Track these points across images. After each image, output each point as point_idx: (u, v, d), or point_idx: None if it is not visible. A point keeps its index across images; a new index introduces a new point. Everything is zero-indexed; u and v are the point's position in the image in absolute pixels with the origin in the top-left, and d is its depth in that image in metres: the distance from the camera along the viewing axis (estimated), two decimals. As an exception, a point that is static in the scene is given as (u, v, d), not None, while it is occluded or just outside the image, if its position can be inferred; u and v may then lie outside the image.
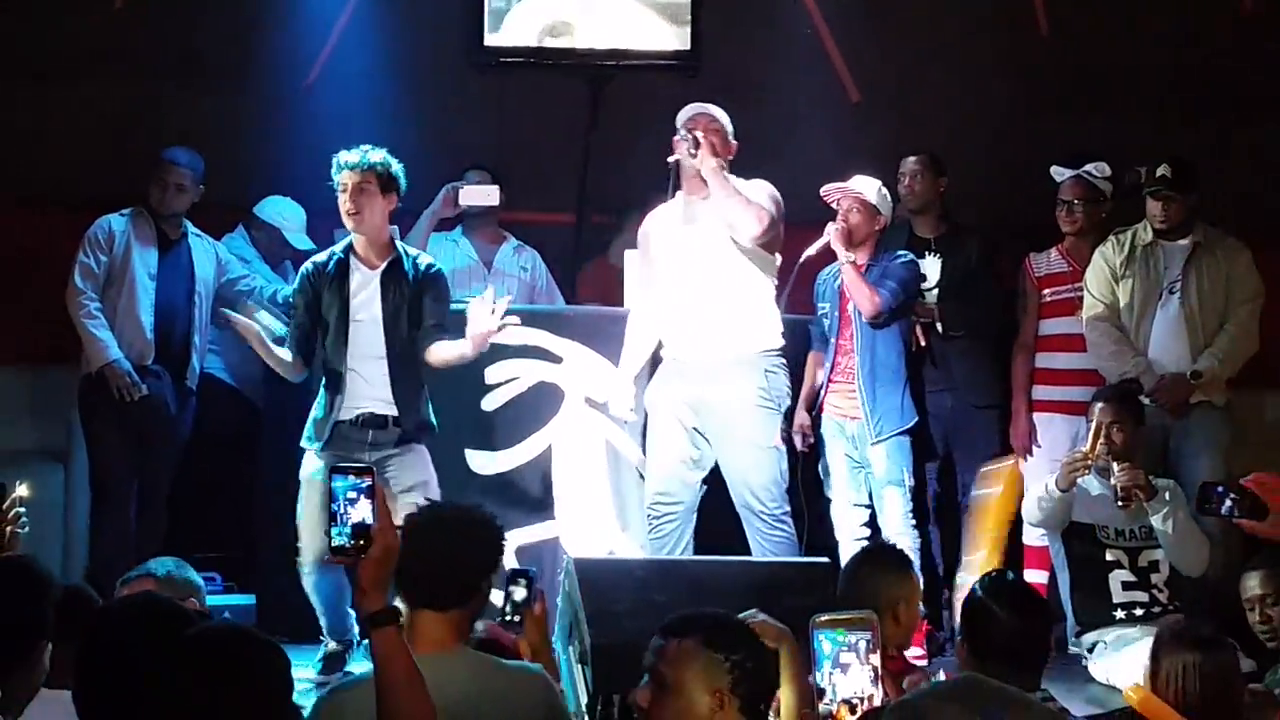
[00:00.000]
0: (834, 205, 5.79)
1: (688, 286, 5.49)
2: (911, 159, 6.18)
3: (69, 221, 6.16)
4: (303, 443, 5.29)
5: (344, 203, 5.23)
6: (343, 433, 5.25)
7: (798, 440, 5.89)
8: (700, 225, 5.46)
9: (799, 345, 5.87)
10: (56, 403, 6.27)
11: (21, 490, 3.92)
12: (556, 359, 5.83)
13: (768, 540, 5.39)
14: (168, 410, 5.95)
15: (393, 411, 5.24)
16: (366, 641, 4.10)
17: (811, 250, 5.80)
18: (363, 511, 2.78)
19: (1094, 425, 5.29)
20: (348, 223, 5.27)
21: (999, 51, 7.16)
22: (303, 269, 5.39)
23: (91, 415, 5.91)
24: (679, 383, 5.49)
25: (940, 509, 6.14)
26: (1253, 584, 4.62)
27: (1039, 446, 6.03)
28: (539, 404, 5.83)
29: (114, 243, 5.93)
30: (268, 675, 2.62)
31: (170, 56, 6.84)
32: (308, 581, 5.22)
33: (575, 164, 6.92)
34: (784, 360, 5.51)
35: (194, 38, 6.87)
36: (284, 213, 6.46)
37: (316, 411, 5.30)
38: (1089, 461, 5.25)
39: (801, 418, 5.90)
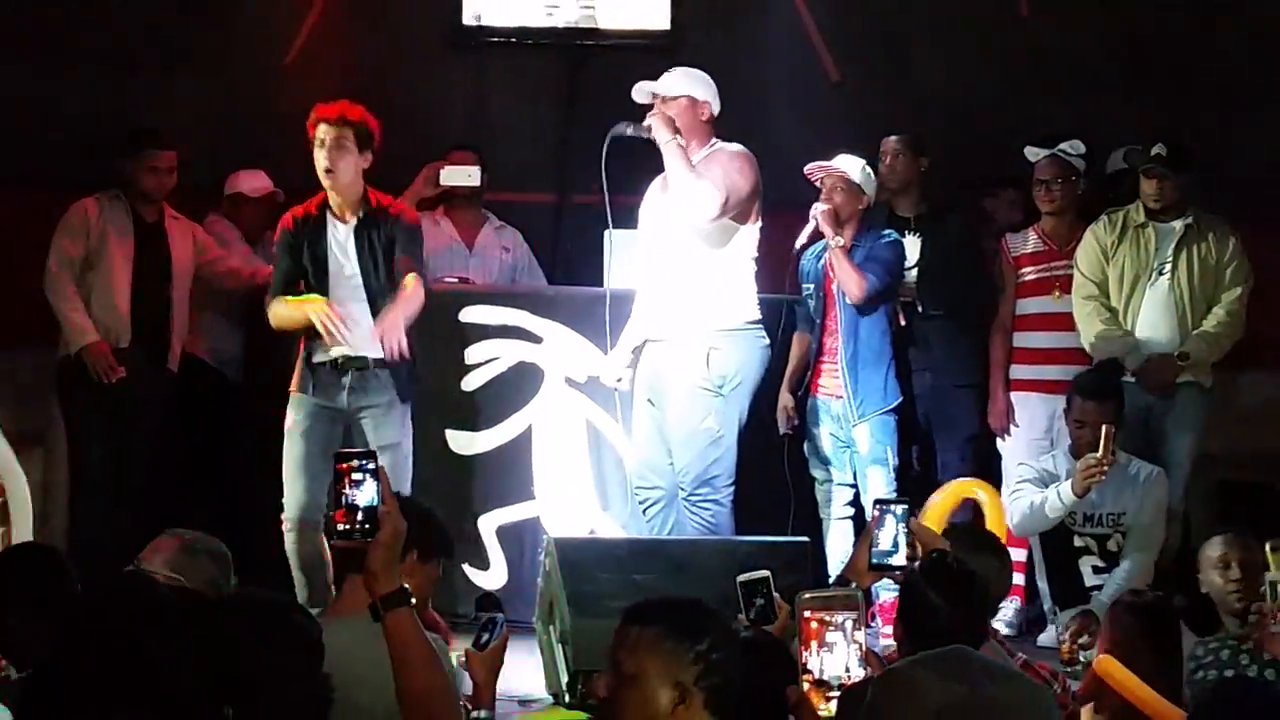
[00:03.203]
0: (817, 184, 5.78)
1: (654, 260, 5.47)
2: (892, 139, 6.18)
3: (45, 203, 6.13)
4: (291, 389, 5.30)
5: (320, 158, 5.21)
6: (322, 378, 5.25)
7: (781, 422, 5.90)
8: (669, 197, 5.41)
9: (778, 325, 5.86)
10: (34, 385, 6.24)
11: None
12: (537, 339, 5.83)
13: (688, 520, 5.36)
14: (146, 392, 5.93)
15: (373, 353, 5.23)
16: None
17: (802, 238, 5.79)
18: (368, 493, 2.69)
19: (1105, 430, 5.23)
20: (323, 179, 5.25)
21: (980, 31, 7.14)
22: (283, 222, 5.37)
23: (70, 397, 5.91)
24: (644, 362, 5.48)
25: (922, 488, 6.15)
26: (1215, 549, 4.61)
27: (1016, 426, 6.06)
28: (519, 384, 5.83)
29: (90, 227, 5.92)
30: (298, 641, 2.64)
31: (146, 36, 6.80)
32: (288, 540, 5.21)
33: (555, 144, 6.91)
34: (744, 335, 5.36)
35: (171, 17, 6.82)
36: (238, 178, 6.45)
37: (302, 359, 5.31)
38: (1104, 466, 5.21)
39: (785, 400, 5.91)
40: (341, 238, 5.29)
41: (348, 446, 5.23)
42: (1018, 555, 5.82)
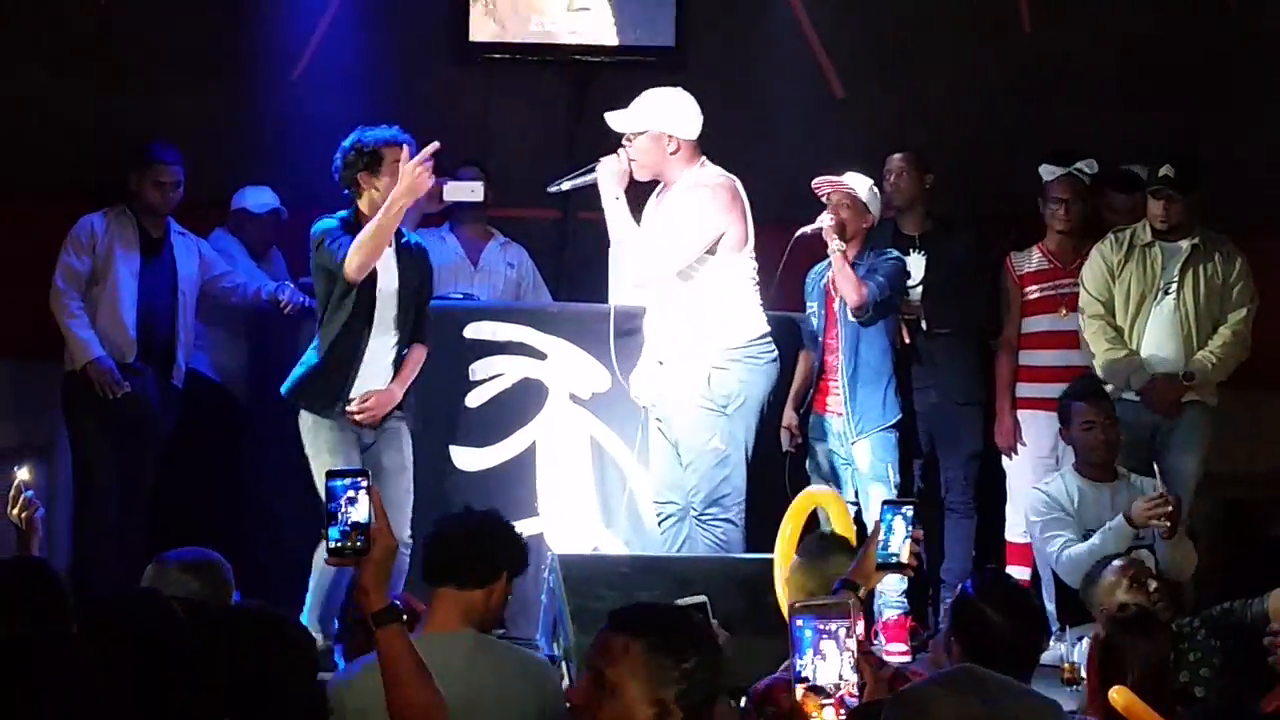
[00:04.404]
0: (824, 199, 5.77)
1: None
2: (896, 156, 6.18)
3: (53, 214, 6.15)
4: (308, 408, 5.20)
5: (430, 180, 5.08)
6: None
7: (785, 439, 5.89)
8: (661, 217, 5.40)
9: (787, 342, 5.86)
10: (40, 397, 6.25)
11: (22, 474, 3.91)
12: (541, 355, 5.83)
13: (701, 539, 5.34)
14: (151, 407, 5.95)
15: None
16: (339, 645, 4.18)
17: (808, 229, 5.69)
18: (361, 512, 2.77)
19: (1157, 469, 5.33)
20: (409, 204, 5.09)
21: (983, 47, 7.16)
22: (332, 232, 5.12)
23: (75, 411, 5.92)
24: (651, 382, 5.48)
25: (924, 506, 6.14)
26: (1118, 574, 4.80)
27: (1023, 444, 6.06)
28: (523, 400, 5.82)
29: (96, 243, 5.94)
30: (295, 653, 2.65)
31: (155, 49, 6.82)
32: (318, 556, 5.14)
33: (561, 160, 6.91)
34: (748, 353, 5.32)
35: (179, 31, 6.84)
36: (244, 194, 6.45)
37: (323, 378, 5.19)
38: (1169, 506, 5.25)
39: (789, 417, 5.90)
40: (388, 261, 5.22)
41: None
42: (1020, 574, 5.83)
